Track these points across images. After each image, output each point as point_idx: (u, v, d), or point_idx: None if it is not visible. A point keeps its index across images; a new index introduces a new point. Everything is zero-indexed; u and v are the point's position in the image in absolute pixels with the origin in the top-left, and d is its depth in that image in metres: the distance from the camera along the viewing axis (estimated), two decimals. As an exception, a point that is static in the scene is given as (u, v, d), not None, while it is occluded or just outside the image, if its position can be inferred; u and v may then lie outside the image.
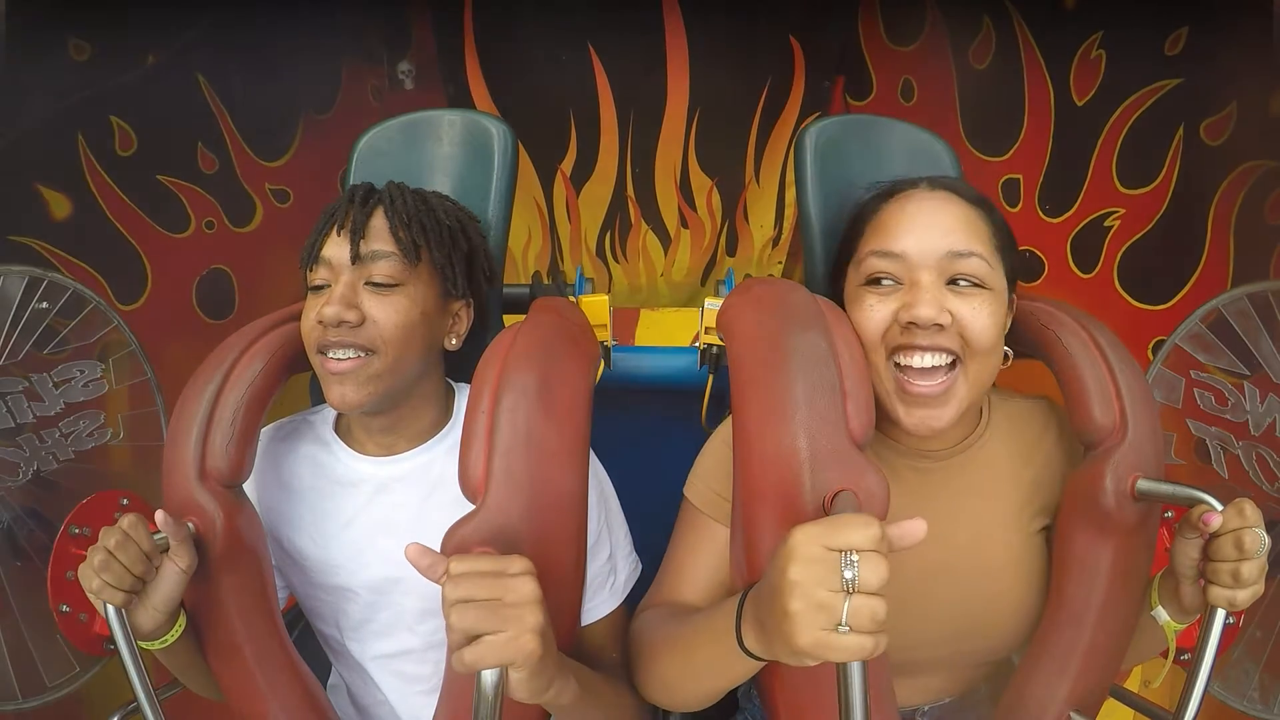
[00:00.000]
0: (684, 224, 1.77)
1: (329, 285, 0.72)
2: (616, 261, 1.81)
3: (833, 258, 0.78)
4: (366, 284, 0.72)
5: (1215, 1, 1.14)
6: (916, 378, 0.65)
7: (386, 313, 0.71)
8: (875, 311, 0.67)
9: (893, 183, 0.74)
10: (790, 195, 1.74)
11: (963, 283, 0.66)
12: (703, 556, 0.71)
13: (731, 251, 1.81)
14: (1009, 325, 0.72)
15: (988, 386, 0.70)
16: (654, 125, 1.66)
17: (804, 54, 1.61)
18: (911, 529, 0.49)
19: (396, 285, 0.72)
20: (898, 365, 0.66)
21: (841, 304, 0.72)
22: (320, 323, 0.71)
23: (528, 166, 1.68)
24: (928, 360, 0.65)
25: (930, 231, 0.66)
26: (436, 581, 0.54)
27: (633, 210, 1.75)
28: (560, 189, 1.72)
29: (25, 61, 0.98)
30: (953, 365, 0.66)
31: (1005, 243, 0.70)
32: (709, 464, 0.73)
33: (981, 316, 0.65)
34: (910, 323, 0.64)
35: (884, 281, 0.67)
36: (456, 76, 1.62)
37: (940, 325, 0.64)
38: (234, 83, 1.32)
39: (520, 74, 1.63)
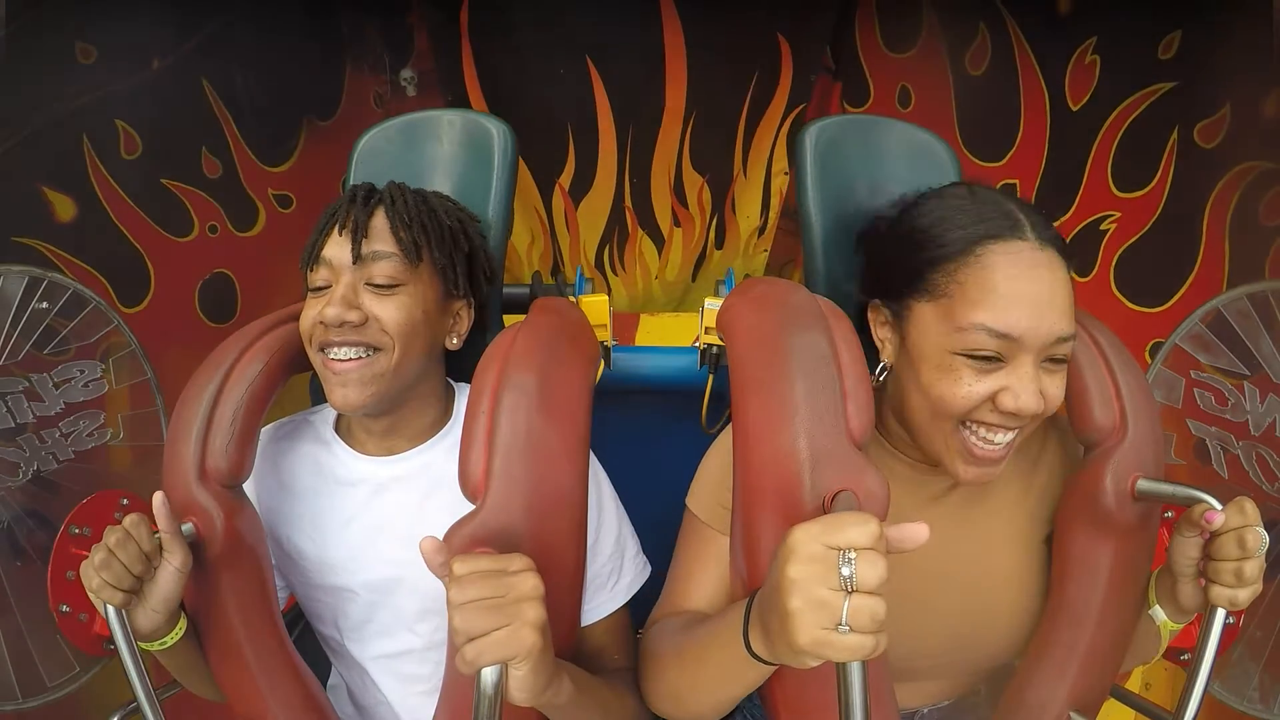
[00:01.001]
0: (676, 223, 1.78)
1: (330, 286, 0.72)
2: (615, 274, 1.82)
3: (840, 258, 0.77)
4: (367, 284, 0.72)
5: (1208, 5, 1.15)
6: (986, 443, 0.64)
7: (389, 311, 0.72)
8: (971, 389, 0.62)
9: (984, 213, 0.64)
10: (775, 185, 1.74)
11: (1056, 361, 0.63)
12: (707, 568, 0.70)
13: (720, 244, 1.81)
14: None
15: None
16: (651, 133, 1.67)
17: (790, 47, 1.61)
18: (913, 532, 0.49)
19: (398, 285, 0.73)
20: (968, 428, 0.64)
21: (877, 304, 0.70)
22: (322, 323, 0.71)
23: (527, 179, 1.68)
24: (1009, 436, 0.64)
25: (1045, 312, 0.61)
26: (440, 577, 0.54)
27: (630, 219, 1.75)
28: (559, 202, 1.73)
29: (30, 64, 0.98)
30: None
31: None
32: (711, 475, 0.73)
33: (1061, 391, 0.64)
34: (1010, 412, 0.61)
35: (986, 358, 0.62)
36: (455, 88, 1.63)
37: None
38: (238, 88, 1.32)
39: (518, 87, 1.63)
